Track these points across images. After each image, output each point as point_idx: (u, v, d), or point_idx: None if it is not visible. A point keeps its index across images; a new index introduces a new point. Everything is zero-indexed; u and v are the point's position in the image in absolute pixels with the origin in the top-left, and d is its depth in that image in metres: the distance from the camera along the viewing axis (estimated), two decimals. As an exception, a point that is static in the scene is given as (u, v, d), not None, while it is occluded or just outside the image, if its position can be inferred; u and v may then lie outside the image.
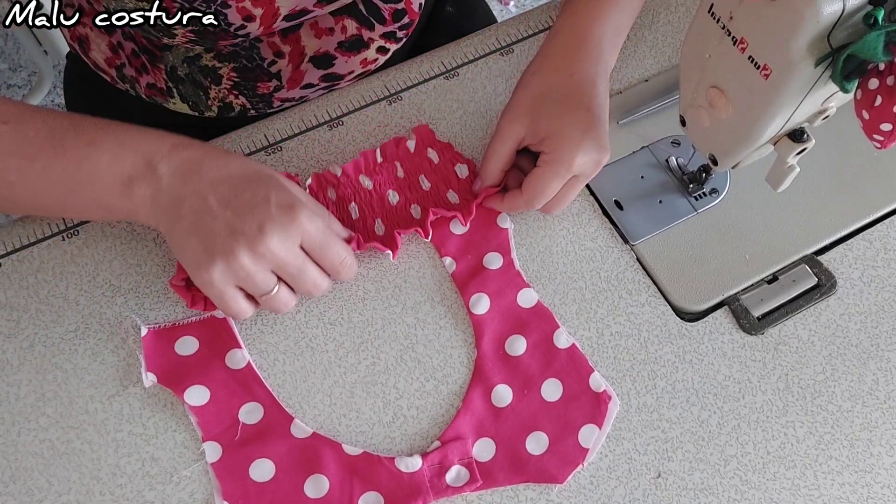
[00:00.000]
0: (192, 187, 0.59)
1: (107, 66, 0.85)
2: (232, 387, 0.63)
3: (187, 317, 0.65)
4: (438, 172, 0.72)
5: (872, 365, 0.65)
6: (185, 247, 0.59)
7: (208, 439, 0.61)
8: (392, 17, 0.83)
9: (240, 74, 0.81)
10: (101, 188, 0.60)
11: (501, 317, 0.66)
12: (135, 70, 0.83)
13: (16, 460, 0.61)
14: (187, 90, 0.83)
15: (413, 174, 0.72)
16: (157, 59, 0.81)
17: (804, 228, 0.71)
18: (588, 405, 0.63)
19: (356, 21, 0.82)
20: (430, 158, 0.73)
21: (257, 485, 0.59)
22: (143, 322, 0.64)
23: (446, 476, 0.60)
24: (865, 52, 0.48)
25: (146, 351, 0.63)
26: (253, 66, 0.81)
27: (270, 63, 0.81)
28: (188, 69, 0.81)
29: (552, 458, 0.61)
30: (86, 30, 0.83)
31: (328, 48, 0.82)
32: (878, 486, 0.61)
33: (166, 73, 0.82)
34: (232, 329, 0.65)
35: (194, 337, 0.64)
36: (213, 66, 0.81)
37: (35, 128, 0.61)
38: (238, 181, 0.60)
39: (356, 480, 0.60)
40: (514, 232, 0.70)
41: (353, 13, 0.81)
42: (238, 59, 0.80)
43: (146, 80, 0.84)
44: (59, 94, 1.77)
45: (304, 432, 0.62)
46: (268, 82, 0.82)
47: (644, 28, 0.81)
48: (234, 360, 0.64)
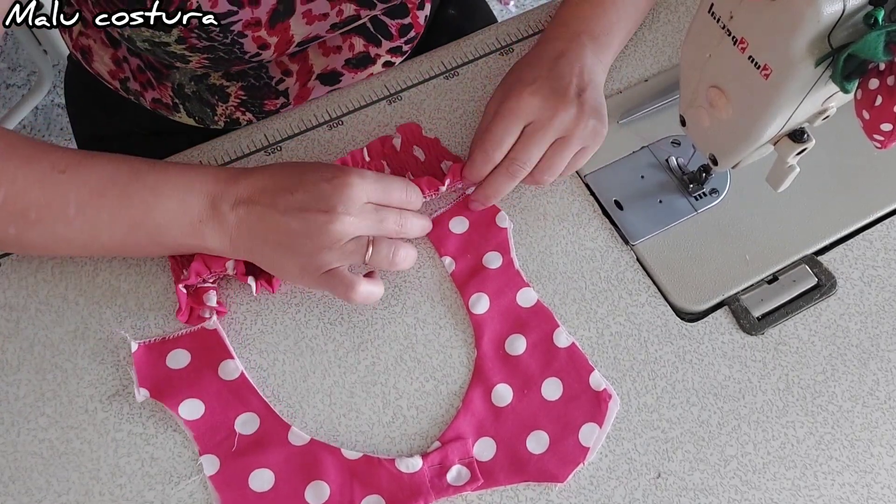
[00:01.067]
0: (256, 215, 0.62)
1: (110, 78, 0.85)
2: (226, 398, 0.62)
3: (177, 330, 0.65)
4: (425, 170, 0.72)
5: (873, 365, 0.65)
6: (284, 264, 0.62)
7: (205, 452, 0.60)
8: (399, 33, 0.83)
9: (247, 93, 0.81)
10: (172, 233, 0.62)
11: (501, 316, 0.66)
12: (140, 85, 0.83)
13: (15, 460, 0.61)
14: (194, 107, 0.83)
15: (400, 172, 0.72)
16: (164, 77, 0.81)
17: (804, 228, 0.71)
18: (588, 404, 0.63)
19: (364, 39, 0.82)
20: (417, 156, 0.73)
21: (257, 495, 0.59)
22: (132, 338, 0.64)
23: (447, 476, 0.60)
24: (866, 51, 0.48)
25: (137, 366, 0.63)
26: (261, 85, 0.81)
27: (278, 81, 0.81)
28: (195, 87, 0.81)
29: (553, 457, 0.61)
30: (89, 41, 0.83)
31: (335, 65, 0.82)
32: (878, 487, 0.61)
33: (173, 90, 0.82)
34: (223, 339, 0.64)
35: (185, 350, 0.64)
36: (221, 85, 0.81)
37: (96, 174, 0.62)
38: (284, 185, 0.62)
39: (357, 484, 0.60)
40: (514, 232, 0.70)
41: (360, 31, 0.82)
42: (246, 78, 0.81)
43: (151, 94, 0.83)
44: (59, 94, 1.77)
45: (302, 439, 0.61)
46: (275, 99, 0.82)
47: (644, 28, 0.81)
48: (227, 371, 0.63)
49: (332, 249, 0.61)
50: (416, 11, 0.85)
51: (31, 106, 1.72)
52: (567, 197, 0.72)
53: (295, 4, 0.71)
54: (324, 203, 0.60)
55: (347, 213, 0.61)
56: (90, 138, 0.94)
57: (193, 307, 0.65)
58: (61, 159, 0.61)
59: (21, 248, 0.64)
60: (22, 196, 0.60)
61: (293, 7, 0.71)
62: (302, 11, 0.72)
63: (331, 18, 0.74)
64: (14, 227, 0.61)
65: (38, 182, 0.60)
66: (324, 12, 0.73)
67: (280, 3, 0.70)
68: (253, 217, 0.62)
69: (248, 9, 0.68)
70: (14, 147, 0.61)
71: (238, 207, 0.62)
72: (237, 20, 0.68)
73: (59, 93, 1.75)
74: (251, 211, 0.62)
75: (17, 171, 0.60)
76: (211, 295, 0.65)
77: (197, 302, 0.65)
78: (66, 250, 0.65)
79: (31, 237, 0.61)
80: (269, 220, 0.61)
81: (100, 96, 0.88)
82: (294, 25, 0.72)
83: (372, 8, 0.77)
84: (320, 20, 0.74)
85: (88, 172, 0.62)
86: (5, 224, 0.60)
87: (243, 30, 0.69)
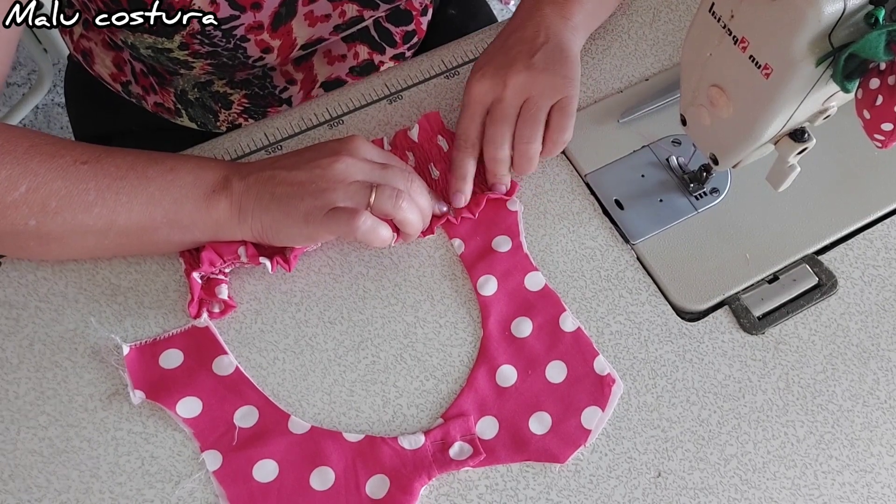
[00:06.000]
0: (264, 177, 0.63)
1: (111, 81, 0.85)
2: (222, 393, 0.62)
3: (166, 330, 0.65)
4: (447, 160, 0.72)
5: (873, 364, 0.65)
6: (289, 214, 0.62)
7: (206, 449, 0.61)
8: (402, 40, 0.83)
9: (251, 101, 0.82)
10: (186, 208, 0.63)
11: (508, 298, 0.67)
12: (142, 88, 0.83)
13: (15, 458, 0.61)
14: (196, 112, 0.83)
15: (423, 162, 0.72)
16: (167, 83, 0.81)
17: (805, 228, 0.71)
18: (592, 387, 0.63)
19: (368, 47, 0.82)
20: (440, 146, 0.73)
21: (262, 486, 0.59)
22: (123, 340, 0.64)
23: (449, 451, 0.60)
24: (866, 51, 0.48)
25: (130, 369, 0.63)
26: (265, 94, 0.81)
27: (282, 90, 0.81)
28: (199, 94, 0.81)
29: (554, 437, 0.61)
30: (90, 44, 0.83)
31: (340, 73, 0.83)
32: (878, 486, 0.61)
33: (175, 95, 0.82)
34: (215, 336, 0.65)
35: (178, 349, 0.64)
36: (225, 93, 0.81)
37: (115, 164, 0.63)
38: (292, 154, 0.65)
39: (360, 466, 0.60)
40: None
41: (365, 39, 0.82)
42: (250, 86, 0.81)
43: (154, 98, 0.83)
44: (60, 93, 1.76)
45: (303, 427, 0.62)
46: (278, 107, 0.83)
47: (645, 26, 0.81)
48: (222, 367, 0.64)
49: (336, 189, 0.61)
50: (419, 17, 0.85)
51: (31, 105, 1.72)
52: (567, 196, 0.72)
53: (297, 6, 0.71)
54: (330, 151, 0.63)
55: (352, 157, 0.62)
56: (90, 138, 0.94)
57: (203, 299, 0.65)
58: (84, 153, 0.63)
59: (39, 243, 0.64)
60: (43, 187, 0.60)
61: (295, 9, 0.71)
62: (304, 13, 0.72)
63: (333, 20, 0.74)
64: (35, 218, 0.61)
65: (61, 174, 0.61)
66: (326, 13, 0.73)
67: (282, 6, 0.70)
68: (261, 180, 0.63)
69: (250, 13, 0.68)
70: (36, 146, 0.62)
71: (248, 177, 0.63)
72: (239, 24, 0.68)
73: (60, 92, 1.75)
74: (259, 177, 0.63)
75: (40, 166, 0.61)
76: (222, 288, 0.65)
77: (209, 293, 0.65)
78: (84, 242, 0.64)
79: (51, 227, 0.62)
80: (277, 177, 0.63)
81: (100, 96, 0.88)
82: (297, 28, 0.72)
83: (375, 9, 0.77)
84: (323, 21, 0.74)
85: (110, 162, 0.63)
86: (26, 216, 0.61)
87: (246, 33, 0.69)
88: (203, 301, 0.65)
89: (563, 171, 0.73)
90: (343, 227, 0.61)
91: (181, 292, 0.67)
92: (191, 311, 0.65)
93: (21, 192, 0.60)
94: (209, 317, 0.65)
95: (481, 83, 0.69)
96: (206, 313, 0.65)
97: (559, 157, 0.74)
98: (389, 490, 0.59)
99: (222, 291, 0.65)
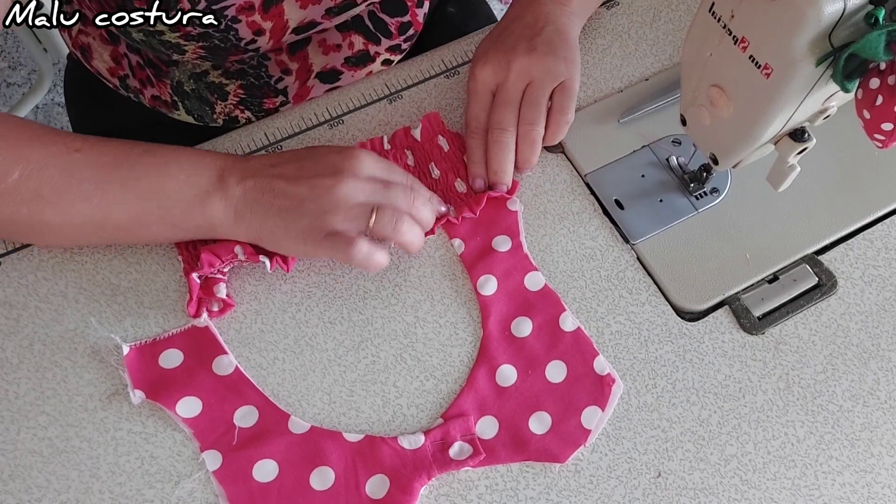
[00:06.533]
0: (263, 185, 0.63)
1: (109, 76, 0.85)
2: (222, 393, 0.63)
3: (166, 330, 0.65)
4: (448, 160, 0.72)
5: (873, 364, 0.65)
6: (287, 229, 0.62)
7: (206, 448, 0.61)
8: (398, 31, 0.83)
9: (246, 91, 0.81)
10: (180, 205, 0.63)
11: (508, 298, 0.67)
12: (139, 82, 0.83)
13: (15, 458, 0.61)
14: (193, 104, 0.83)
15: (423, 162, 0.72)
16: (163, 74, 0.81)
17: (805, 228, 0.71)
18: (591, 387, 0.63)
19: (363, 37, 0.82)
20: (441, 146, 0.73)
21: (262, 485, 0.59)
22: (123, 341, 0.64)
23: (449, 451, 0.60)
24: (866, 51, 0.48)
25: (130, 369, 0.63)
26: (260, 84, 0.81)
27: (277, 80, 0.81)
28: (195, 85, 0.81)
29: (554, 437, 0.61)
30: (88, 39, 0.83)
31: (335, 64, 0.82)
32: (878, 486, 0.61)
33: (172, 87, 0.82)
34: (215, 336, 0.65)
35: (177, 349, 0.64)
36: (221, 83, 0.81)
37: (110, 153, 0.63)
38: (293, 159, 0.64)
39: (360, 466, 0.60)
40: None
41: (360, 29, 0.82)
42: (245, 76, 0.80)
43: (150, 91, 0.83)
44: (60, 93, 1.76)
45: (303, 427, 0.62)
46: (274, 98, 0.82)
47: (645, 26, 0.81)
48: (221, 367, 0.64)
49: (336, 212, 0.61)
50: (415, 9, 0.85)
51: (31, 105, 1.72)
52: (567, 196, 0.72)
53: None
54: (332, 169, 0.62)
55: (355, 178, 0.62)
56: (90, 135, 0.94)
57: (202, 298, 0.65)
58: (76, 140, 0.63)
59: (33, 232, 0.64)
60: (36, 174, 0.60)
61: None
62: None
63: (325, 2, 0.74)
64: (27, 206, 0.61)
65: (54, 161, 0.61)
66: None
67: None
68: (260, 187, 0.63)
69: None
70: (29, 133, 0.62)
71: (246, 181, 0.63)
72: (230, 4, 0.68)
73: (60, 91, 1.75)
74: (258, 183, 0.63)
75: (32, 153, 0.61)
76: (221, 286, 0.65)
77: (207, 293, 0.65)
78: (79, 233, 0.64)
79: (45, 217, 0.62)
80: (277, 188, 0.62)
81: (99, 94, 0.88)
82: (288, 9, 0.72)
83: None
84: (314, 4, 0.73)
85: (102, 151, 0.63)
86: (17, 204, 0.61)
87: (237, 14, 0.69)
88: (202, 300, 0.65)
89: (563, 170, 0.73)
90: (339, 253, 0.62)
91: (181, 292, 0.67)
92: (190, 311, 0.65)
93: (14, 178, 0.60)
94: (209, 316, 0.65)
95: (485, 68, 0.70)
96: (206, 313, 0.65)
97: (559, 157, 0.74)
98: (389, 490, 0.59)
99: (220, 290, 0.65)
